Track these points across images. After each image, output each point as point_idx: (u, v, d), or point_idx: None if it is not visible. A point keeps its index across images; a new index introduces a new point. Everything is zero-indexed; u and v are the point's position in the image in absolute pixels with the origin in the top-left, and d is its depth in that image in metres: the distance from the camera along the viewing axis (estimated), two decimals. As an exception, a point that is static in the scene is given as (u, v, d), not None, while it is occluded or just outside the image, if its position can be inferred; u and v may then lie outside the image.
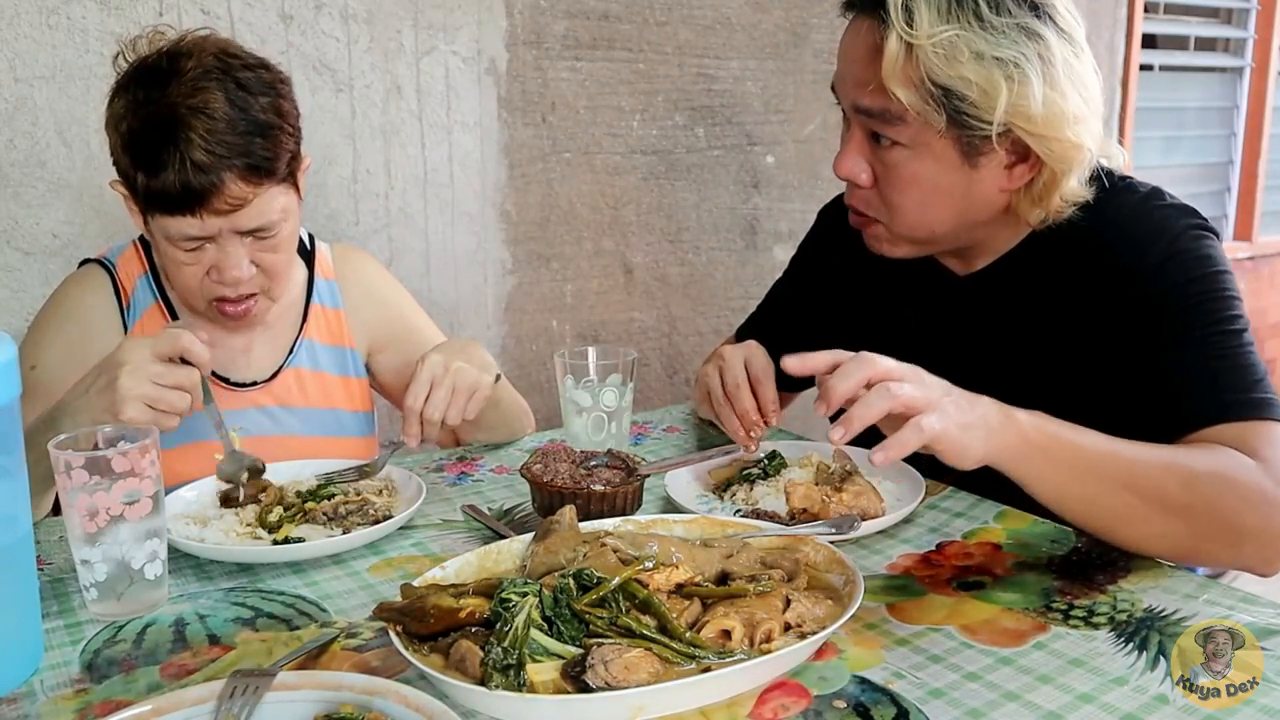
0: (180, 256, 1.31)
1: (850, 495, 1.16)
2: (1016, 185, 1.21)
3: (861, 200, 1.28)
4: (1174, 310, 1.19)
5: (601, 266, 2.56)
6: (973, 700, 0.82)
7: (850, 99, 1.23)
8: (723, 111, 2.66)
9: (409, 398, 1.28)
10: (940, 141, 1.17)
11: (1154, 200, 1.28)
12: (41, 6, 1.80)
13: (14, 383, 0.86)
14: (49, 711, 0.83)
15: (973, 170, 1.20)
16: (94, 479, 0.94)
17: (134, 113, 1.25)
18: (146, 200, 1.27)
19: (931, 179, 1.21)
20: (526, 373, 2.47)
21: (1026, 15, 1.13)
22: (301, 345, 1.51)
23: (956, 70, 1.12)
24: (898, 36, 1.12)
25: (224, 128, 1.23)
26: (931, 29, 1.11)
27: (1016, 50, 1.12)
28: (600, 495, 1.13)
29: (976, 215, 1.25)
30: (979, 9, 1.12)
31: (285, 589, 1.05)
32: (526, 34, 2.33)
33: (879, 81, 1.15)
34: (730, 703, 0.82)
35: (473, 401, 1.30)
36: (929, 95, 1.14)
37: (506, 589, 0.85)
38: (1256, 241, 4.43)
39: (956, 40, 1.11)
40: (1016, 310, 1.31)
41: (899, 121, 1.18)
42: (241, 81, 1.27)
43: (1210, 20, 4.15)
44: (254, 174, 1.26)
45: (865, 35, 1.18)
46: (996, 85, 1.11)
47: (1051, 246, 1.28)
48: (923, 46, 1.11)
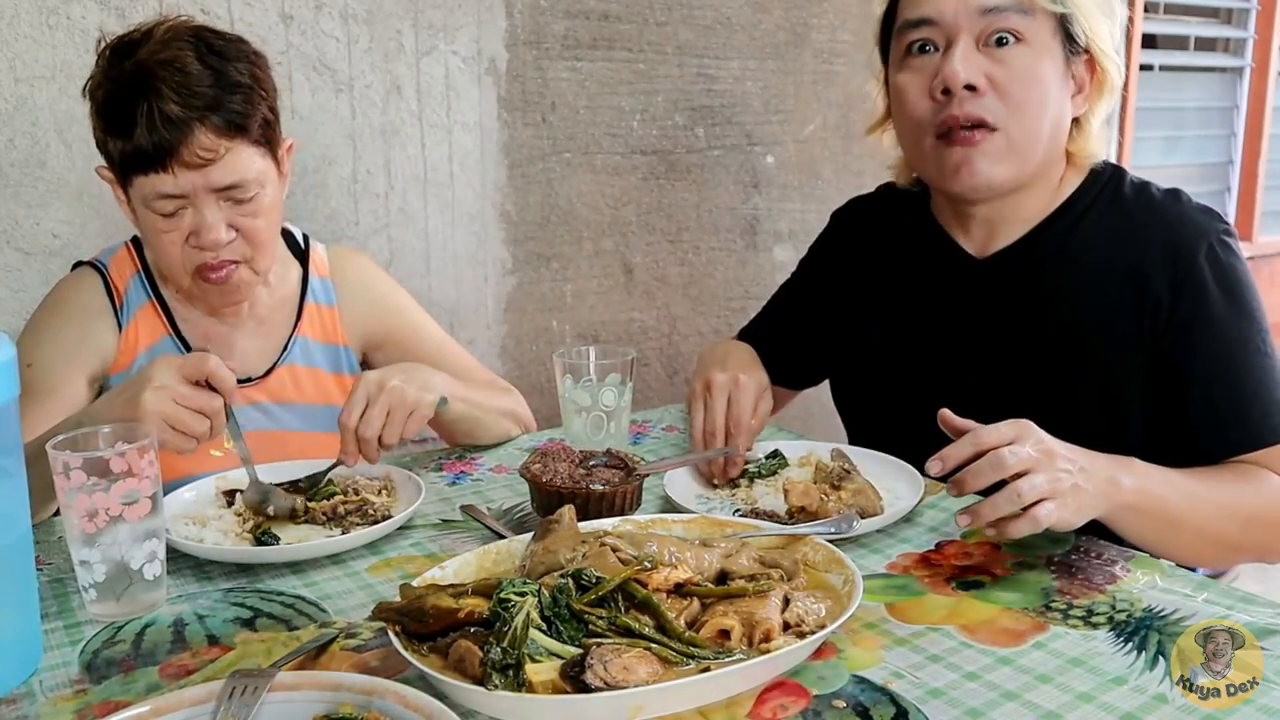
0: (159, 224, 1.31)
1: (848, 494, 1.16)
2: (1081, 110, 1.31)
3: (978, 105, 1.26)
4: (1205, 320, 1.23)
5: (601, 266, 2.56)
6: (972, 700, 0.82)
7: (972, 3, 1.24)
8: (723, 111, 2.66)
9: (342, 415, 1.25)
10: (1052, 42, 1.25)
11: (1181, 200, 1.32)
12: (41, 6, 1.80)
13: (13, 383, 0.86)
14: (48, 712, 0.83)
15: (1064, 82, 1.27)
16: (92, 479, 0.94)
17: (106, 76, 1.28)
18: (123, 165, 1.28)
19: (1048, 80, 1.26)
20: (526, 373, 2.47)
21: None
22: (295, 342, 1.51)
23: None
24: None
25: (194, 81, 1.25)
26: None
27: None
28: (599, 495, 1.13)
29: (1057, 140, 1.30)
30: None
31: (284, 589, 1.05)
32: (526, 34, 2.33)
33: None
34: (729, 702, 0.82)
35: (412, 420, 1.28)
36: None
37: (505, 589, 0.85)
38: (1256, 241, 4.42)
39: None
40: (1032, 294, 1.33)
41: (1029, 12, 1.23)
42: (214, 47, 1.29)
43: (1210, 20, 4.15)
44: (226, 128, 1.27)
45: None
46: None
47: (1072, 229, 1.32)
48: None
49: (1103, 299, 1.28)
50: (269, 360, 1.49)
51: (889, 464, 1.31)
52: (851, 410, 1.57)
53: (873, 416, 1.51)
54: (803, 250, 1.71)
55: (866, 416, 1.54)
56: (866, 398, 1.52)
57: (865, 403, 1.54)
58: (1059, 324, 1.30)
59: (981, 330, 1.36)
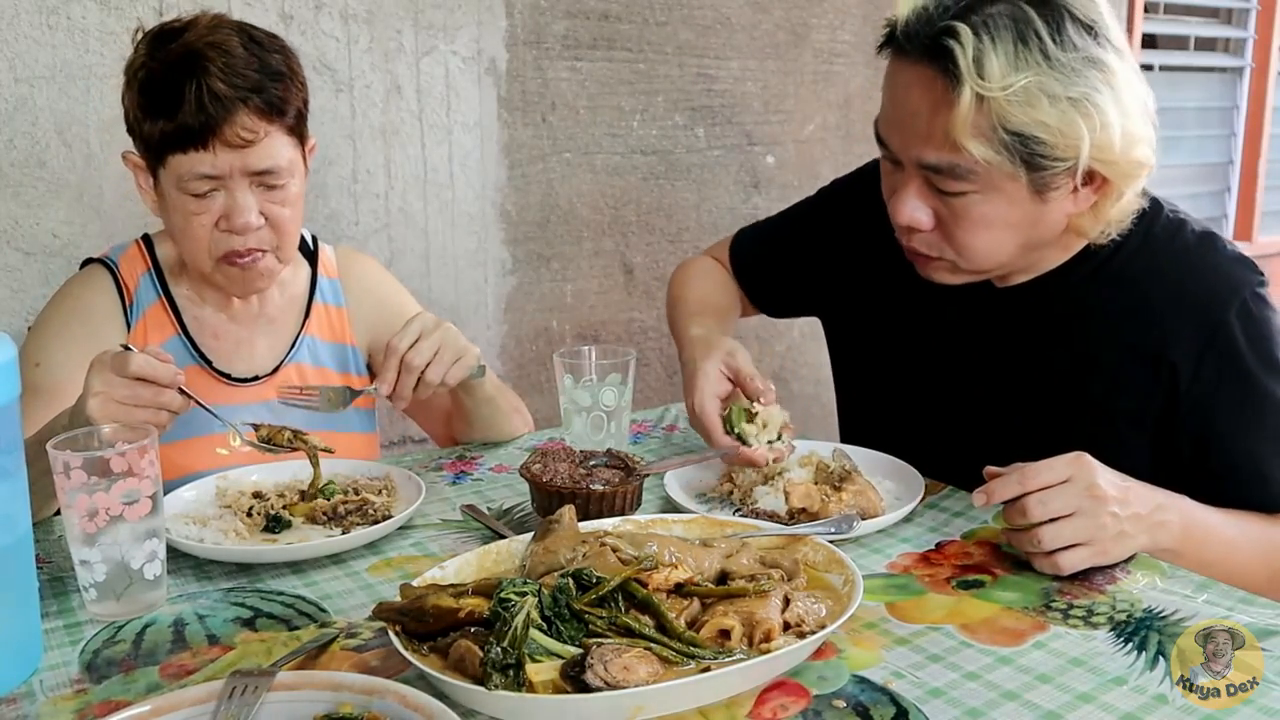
0: (190, 205, 1.32)
1: (850, 494, 1.16)
2: (1083, 208, 1.17)
3: (923, 242, 1.23)
4: (1233, 377, 1.19)
5: (601, 266, 2.56)
6: (972, 700, 0.82)
7: (912, 154, 1.17)
8: (723, 111, 2.65)
9: (394, 339, 1.27)
10: (1011, 184, 1.13)
11: (1216, 248, 1.25)
12: (41, 6, 1.80)
13: (14, 383, 0.86)
14: (48, 712, 0.83)
15: (1043, 204, 1.15)
16: (93, 479, 0.94)
17: (152, 57, 1.30)
18: (161, 145, 1.30)
19: (1001, 218, 1.16)
20: (526, 373, 2.47)
21: (1089, 43, 1.09)
22: (303, 342, 1.51)
23: (1033, 116, 1.07)
24: (971, 90, 1.07)
25: (241, 64, 1.29)
26: (1005, 78, 1.06)
27: (1088, 85, 1.07)
28: (600, 495, 1.13)
29: (1042, 241, 1.22)
30: (1045, 47, 1.07)
31: (285, 589, 1.05)
32: (526, 34, 2.33)
33: (946, 136, 1.10)
34: (729, 702, 0.82)
35: (457, 367, 1.30)
36: (1003, 144, 1.09)
37: (506, 589, 0.85)
38: (1256, 241, 4.42)
39: (1030, 86, 1.06)
40: (1052, 329, 1.28)
41: (968, 174, 1.13)
42: (255, 37, 1.34)
43: (1210, 20, 4.15)
44: (267, 110, 1.30)
45: (926, 87, 1.12)
46: (1076, 126, 1.07)
47: (1098, 270, 1.26)
48: (996, 98, 1.07)
49: (1119, 342, 1.24)
50: (276, 359, 1.49)
51: (890, 464, 1.31)
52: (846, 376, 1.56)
53: (869, 407, 1.51)
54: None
55: (861, 404, 1.53)
56: (865, 387, 1.52)
57: (863, 392, 1.53)
58: (1070, 359, 1.27)
59: (990, 352, 1.33)
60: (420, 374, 1.27)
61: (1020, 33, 1.07)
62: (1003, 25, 1.07)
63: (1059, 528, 1.01)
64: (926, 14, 1.12)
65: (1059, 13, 1.08)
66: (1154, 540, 1.06)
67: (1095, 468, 1.04)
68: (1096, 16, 1.10)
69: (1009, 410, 1.31)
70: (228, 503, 1.22)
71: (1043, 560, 1.03)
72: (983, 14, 1.08)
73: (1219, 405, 1.20)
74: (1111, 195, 1.16)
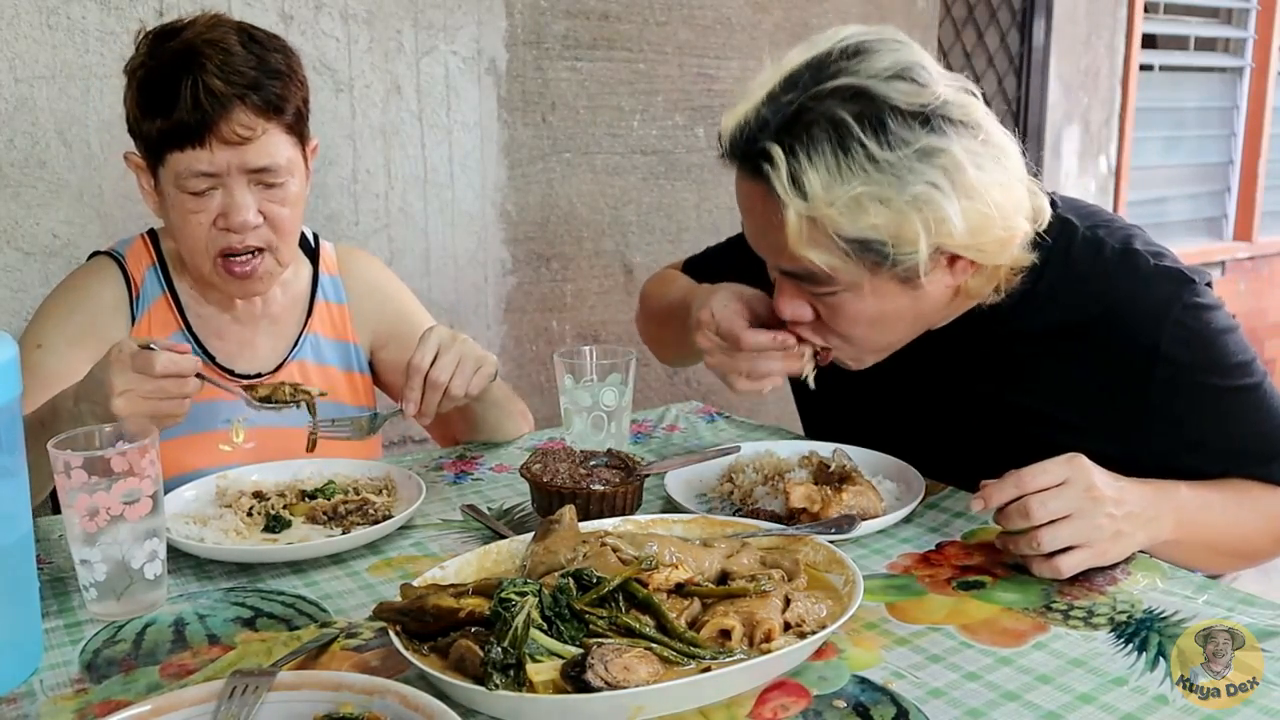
0: (188, 203, 1.32)
1: (850, 495, 1.16)
2: (963, 278, 1.13)
3: (811, 331, 1.19)
4: (1187, 387, 1.17)
5: (601, 266, 2.56)
6: (972, 700, 0.82)
7: (770, 261, 1.15)
8: (723, 111, 2.65)
9: (415, 357, 1.27)
10: (873, 280, 1.09)
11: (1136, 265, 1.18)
12: (41, 6, 1.80)
13: (14, 383, 0.86)
14: (48, 711, 0.83)
15: (916, 289, 1.11)
16: (93, 479, 0.94)
17: (151, 55, 1.31)
18: (159, 143, 1.30)
19: (877, 310, 1.13)
20: (526, 373, 2.47)
21: (920, 134, 1.03)
22: (306, 339, 1.51)
23: (865, 222, 1.03)
24: (794, 209, 1.04)
25: (237, 61, 1.29)
26: (827, 193, 1.02)
27: (921, 180, 1.02)
28: (600, 495, 1.13)
29: (933, 315, 1.19)
30: (869, 151, 1.02)
31: (285, 589, 1.05)
32: (526, 34, 2.33)
33: (788, 248, 1.07)
34: (730, 702, 0.82)
35: (478, 376, 1.30)
36: (845, 252, 1.06)
37: (506, 589, 0.85)
38: (1256, 241, 4.43)
39: (857, 196, 1.02)
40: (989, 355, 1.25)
41: (826, 279, 1.10)
42: (255, 36, 1.34)
43: (1210, 20, 4.15)
44: (264, 108, 1.30)
45: (760, 202, 1.09)
46: (911, 225, 1.03)
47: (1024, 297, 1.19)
48: (823, 214, 1.03)
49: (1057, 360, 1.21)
50: (279, 356, 1.49)
51: (890, 464, 1.31)
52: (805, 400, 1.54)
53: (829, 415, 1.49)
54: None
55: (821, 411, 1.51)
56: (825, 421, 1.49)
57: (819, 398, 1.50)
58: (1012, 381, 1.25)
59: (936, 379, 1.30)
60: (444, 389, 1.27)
61: (840, 142, 1.02)
62: (820, 138, 1.03)
63: (1057, 529, 1.01)
64: (746, 131, 1.08)
65: (880, 111, 1.03)
66: (1151, 536, 1.06)
67: (1091, 468, 1.03)
68: (928, 99, 1.03)
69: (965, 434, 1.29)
70: (228, 502, 1.22)
71: (1041, 564, 1.03)
72: (798, 129, 1.04)
73: (1185, 419, 1.18)
74: (988, 266, 1.12)
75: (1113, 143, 3.83)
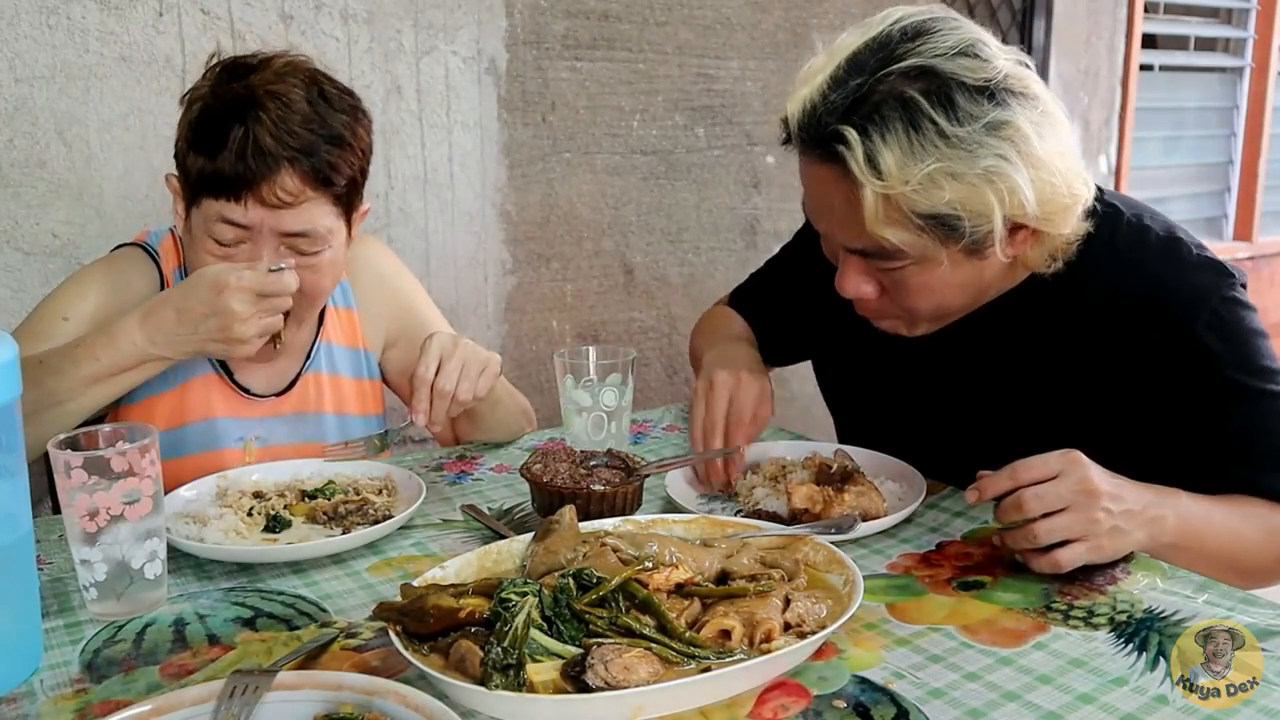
0: (214, 250, 1.27)
1: (852, 495, 1.16)
2: (1022, 250, 1.16)
3: (873, 310, 1.24)
4: (1213, 379, 1.18)
5: (601, 266, 2.56)
6: (973, 700, 0.82)
7: (839, 241, 1.18)
8: (723, 111, 2.66)
9: (420, 369, 1.25)
10: (942, 251, 1.12)
11: (1179, 255, 1.22)
12: (41, 6, 1.80)
13: (14, 383, 0.86)
14: (49, 711, 0.83)
15: (981, 261, 1.15)
16: (93, 479, 0.94)
17: (212, 92, 1.25)
18: (197, 183, 1.25)
19: (942, 281, 1.16)
20: (526, 373, 2.47)
21: (985, 108, 1.05)
22: (320, 349, 1.49)
23: (940, 199, 1.05)
24: (871, 190, 1.06)
25: (297, 120, 1.23)
26: (902, 171, 1.04)
27: (992, 154, 1.04)
28: (600, 495, 1.13)
29: (990, 286, 1.23)
30: (940, 127, 1.04)
31: (285, 589, 1.05)
32: (526, 34, 2.33)
33: (862, 227, 1.09)
34: (730, 702, 0.82)
35: (484, 377, 1.29)
36: (918, 228, 1.08)
37: (506, 589, 0.85)
38: (1256, 241, 4.42)
39: (931, 173, 1.04)
40: (1026, 341, 1.27)
41: (897, 254, 1.12)
42: (325, 93, 1.27)
43: (1210, 20, 4.15)
44: (312, 175, 1.24)
45: (831, 184, 1.11)
46: (984, 198, 1.05)
47: (1065, 282, 1.22)
48: (899, 192, 1.05)
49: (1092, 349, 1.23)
50: (294, 369, 1.47)
51: (891, 465, 1.31)
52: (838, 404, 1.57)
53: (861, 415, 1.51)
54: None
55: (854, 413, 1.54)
56: (853, 396, 1.52)
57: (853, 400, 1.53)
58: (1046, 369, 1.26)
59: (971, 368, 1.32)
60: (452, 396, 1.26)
61: (912, 120, 1.04)
62: (892, 117, 1.04)
63: (1053, 521, 1.01)
64: (815, 115, 1.09)
65: (947, 87, 1.05)
66: (1151, 536, 1.05)
67: (1086, 463, 1.03)
68: (991, 74, 1.06)
69: (996, 423, 1.30)
70: (228, 502, 1.22)
71: (1039, 559, 1.03)
72: (868, 109, 1.05)
73: (1205, 410, 1.19)
74: (1048, 234, 1.15)
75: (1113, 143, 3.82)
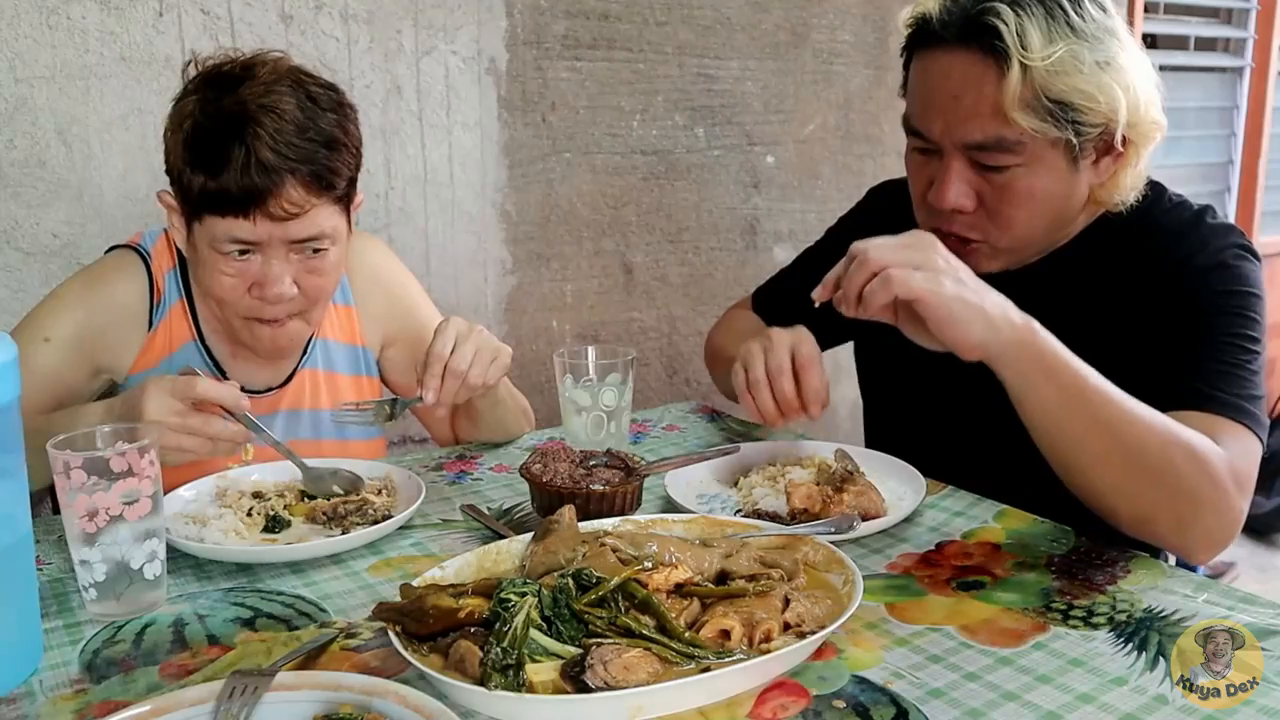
0: (221, 264, 1.28)
1: (852, 495, 1.16)
2: (1104, 179, 1.25)
3: (965, 224, 1.28)
4: (1202, 313, 1.21)
5: (601, 266, 2.55)
6: (972, 700, 0.82)
7: (956, 136, 1.23)
8: (723, 111, 2.65)
9: (435, 346, 1.26)
10: (1052, 153, 1.21)
11: (1206, 217, 1.30)
12: (41, 6, 1.80)
13: (14, 383, 0.86)
14: (48, 712, 0.83)
15: (1075, 173, 1.23)
16: (93, 479, 0.94)
17: (202, 110, 1.24)
18: (199, 201, 1.24)
19: (1044, 189, 1.24)
20: (526, 373, 2.46)
21: (1104, 16, 1.19)
22: (316, 345, 1.49)
23: (1072, 84, 1.16)
24: (1017, 63, 1.15)
25: (293, 131, 1.23)
26: (1044, 49, 1.15)
27: (1110, 51, 1.18)
28: (600, 495, 1.13)
29: (1069, 214, 1.28)
30: (1070, 19, 1.17)
31: (284, 589, 1.05)
32: (526, 34, 2.33)
33: (994, 111, 1.18)
34: (729, 702, 0.82)
35: (495, 366, 1.31)
36: (1047, 112, 1.18)
37: (505, 589, 0.85)
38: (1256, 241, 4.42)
39: (1065, 55, 1.15)
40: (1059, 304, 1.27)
41: (1015, 145, 1.20)
42: (312, 95, 1.27)
43: (1210, 20, 4.15)
44: (315, 183, 1.25)
45: (968, 68, 1.20)
46: (1110, 89, 1.17)
47: (1099, 247, 1.31)
48: (1038, 67, 1.15)
49: (1127, 304, 1.27)
50: (290, 365, 1.47)
51: (891, 465, 1.31)
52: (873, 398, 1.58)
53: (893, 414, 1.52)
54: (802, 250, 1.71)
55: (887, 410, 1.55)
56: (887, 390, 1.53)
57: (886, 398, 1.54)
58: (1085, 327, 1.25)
59: None
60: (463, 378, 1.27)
61: (1048, 8, 1.17)
62: (1031, 3, 1.17)
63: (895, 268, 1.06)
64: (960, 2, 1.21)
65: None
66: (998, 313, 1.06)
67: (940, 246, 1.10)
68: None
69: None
70: (228, 503, 1.22)
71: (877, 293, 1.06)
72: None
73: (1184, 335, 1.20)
74: (1130, 163, 1.24)
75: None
